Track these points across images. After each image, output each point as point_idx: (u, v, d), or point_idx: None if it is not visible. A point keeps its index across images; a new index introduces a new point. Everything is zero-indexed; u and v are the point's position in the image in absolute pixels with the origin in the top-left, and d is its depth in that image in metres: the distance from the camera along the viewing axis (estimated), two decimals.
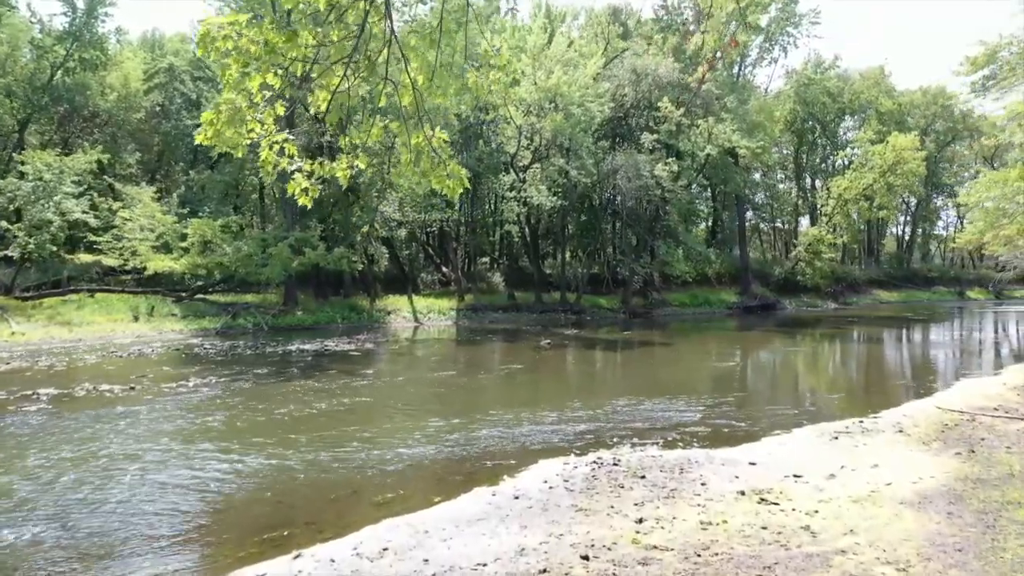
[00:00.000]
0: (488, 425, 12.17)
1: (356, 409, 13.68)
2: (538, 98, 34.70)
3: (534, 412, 13.27)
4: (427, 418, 12.90)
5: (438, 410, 13.85)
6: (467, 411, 13.46)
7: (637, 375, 19.09)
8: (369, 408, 13.84)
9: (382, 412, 13.53)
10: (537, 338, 28.25)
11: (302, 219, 36.56)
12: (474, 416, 12.91)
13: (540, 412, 13.28)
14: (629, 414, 13.14)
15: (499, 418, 12.72)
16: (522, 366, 20.25)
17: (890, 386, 17.15)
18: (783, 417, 12.95)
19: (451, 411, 13.63)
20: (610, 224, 45.99)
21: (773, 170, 63.11)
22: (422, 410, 13.85)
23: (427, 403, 14.71)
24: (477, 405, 14.33)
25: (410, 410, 13.84)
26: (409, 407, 14.15)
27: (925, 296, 63.36)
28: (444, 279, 45.48)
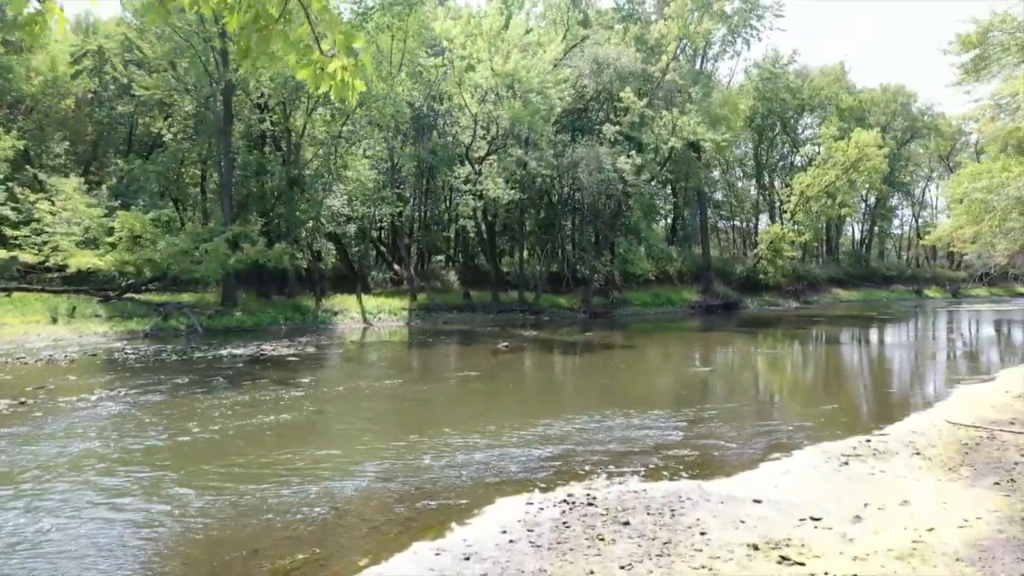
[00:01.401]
0: (436, 449, 10.26)
1: (282, 429, 11.64)
2: (495, 84, 32.79)
3: (490, 431, 11.39)
4: (365, 440, 10.94)
5: (379, 429, 11.90)
6: (413, 430, 11.53)
7: (604, 383, 17.32)
8: (298, 428, 11.81)
9: (312, 433, 11.52)
10: (494, 340, 26.37)
11: (242, 213, 34.15)
12: (421, 437, 10.98)
13: (498, 430, 11.40)
14: (601, 432, 11.33)
15: (450, 439, 10.81)
16: (477, 373, 18.34)
17: (883, 395, 15.64)
18: (777, 434, 11.27)
19: (394, 430, 11.69)
20: (570, 220, 44.32)
21: (732, 167, 62.18)
22: (360, 430, 11.86)
23: (367, 420, 12.72)
24: (425, 422, 12.39)
25: (346, 430, 11.85)
26: (345, 426, 12.16)
27: (884, 295, 63.04)
28: (396, 278, 43.32)
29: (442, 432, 11.27)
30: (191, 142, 36.38)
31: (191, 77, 31.55)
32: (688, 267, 50.16)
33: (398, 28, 32.20)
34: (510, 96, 33.32)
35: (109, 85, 40.74)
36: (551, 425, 11.81)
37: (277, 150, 34.52)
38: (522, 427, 11.67)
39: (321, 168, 34.11)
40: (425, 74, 35.79)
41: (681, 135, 38.28)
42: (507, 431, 11.38)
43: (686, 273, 50.00)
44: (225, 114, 30.76)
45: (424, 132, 38.29)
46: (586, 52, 39.19)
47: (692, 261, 51.32)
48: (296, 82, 31.12)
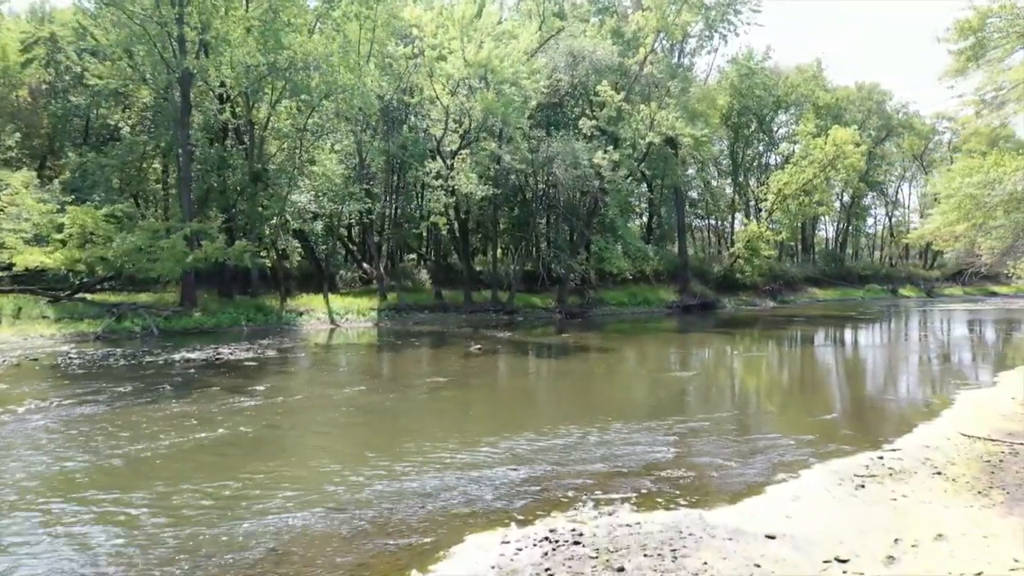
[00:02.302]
0: (399, 471, 9.05)
1: (226, 447, 10.36)
2: (467, 74, 31.49)
3: (461, 448, 10.21)
4: (318, 461, 9.69)
5: (335, 447, 10.66)
6: (373, 447, 10.31)
7: (583, 390, 16.20)
8: (244, 445, 10.53)
9: (259, 452, 10.24)
10: (466, 342, 25.15)
11: (203, 208, 32.58)
12: (382, 456, 9.76)
13: (469, 447, 10.22)
14: (583, 449, 10.19)
15: (414, 458, 9.60)
16: (447, 379, 17.11)
17: (883, 402, 14.66)
18: (777, 450, 10.20)
19: (352, 448, 10.46)
20: (545, 218, 43.17)
21: (707, 166, 61.45)
22: (314, 447, 10.61)
23: (323, 436, 11.46)
24: (387, 438, 11.18)
25: (298, 447, 10.58)
26: (298, 443, 10.88)
27: (859, 294, 62.69)
28: (366, 277, 41.89)
29: (406, 450, 10.07)
30: (149, 134, 34.67)
31: (148, 66, 29.92)
32: (665, 266, 49.23)
33: (366, 17, 30.82)
34: (483, 87, 32.07)
35: (64, 75, 38.92)
36: (528, 440, 10.65)
37: (240, 143, 32.95)
38: (496, 442, 10.50)
39: (286, 162, 32.60)
40: (395, 65, 34.44)
41: (659, 130, 37.25)
42: (479, 448, 10.20)
43: (663, 272, 49.09)
44: (183, 104, 29.15)
45: (394, 126, 36.93)
46: (561, 45, 38.04)
47: (669, 260, 50.40)
48: (259, 72, 29.70)
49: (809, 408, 13.86)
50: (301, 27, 30.36)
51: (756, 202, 62.95)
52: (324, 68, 29.90)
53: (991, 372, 18.13)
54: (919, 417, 12.43)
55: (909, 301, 61.31)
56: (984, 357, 23.04)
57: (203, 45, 29.32)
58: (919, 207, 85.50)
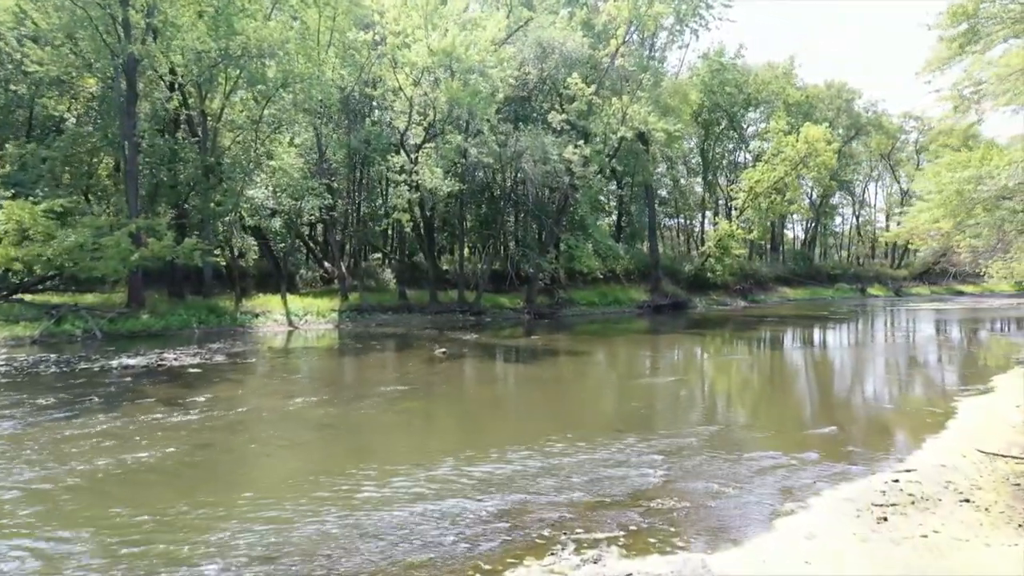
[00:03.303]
0: (343, 503, 7.72)
1: (143, 473, 8.94)
2: (431, 63, 30.04)
3: (418, 473, 8.89)
4: (249, 491, 8.28)
5: (273, 474, 9.27)
6: (316, 471, 8.96)
7: (556, 400, 14.94)
8: (166, 471, 9.11)
9: (181, 480, 8.81)
10: (430, 345, 23.78)
11: (152, 203, 30.82)
12: (325, 483, 8.41)
13: (427, 471, 8.92)
14: (559, 473, 8.94)
15: (363, 487, 8.27)
16: (409, 387, 15.76)
17: (881, 411, 13.57)
18: (779, 472, 9.03)
19: (292, 474, 9.07)
20: (513, 216, 41.90)
21: (676, 164, 60.68)
22: (247, 473, 9.20)
23: (260, 458, 10.05)
24: (334, 461, 9.83)
25: (230, 474, 9.15)
26: (230, 468, 9.46)
27: (829, 293, 62.41)
28: (327, 276, 40.29)
29: (353, 476, 8.73)
30: (95, 125, 32.71)
31: (91, 51, 28.05)
32: (636, 265, 48.27)
33: (326, 3, 29.29)
34: (448, 77, 30.65)
35: (6, 63, 36.76)
36: (497, 461, 9.38)
37: (193, 135, 31.18)
38: (460, 464, 9.21)
39: (241, 156, 30.91)
40: (357, 56, 32.90)
41: (631, 124, 36.16)
42: (441, 471, 8.91)
43: (634, 272, 48.12)
44: (128, 93, 27.35)
45: (357, 119, 35.38)
46: (530, 36, 36.76)
47: (639, 259, 49.46)
48: (211, 59, 28.03)
49: (803, 419, 12.76)
50: (256, 12, 28.71)
51: (726, 201, 62.43)
52: (281, 56, 28.33)
53: (983, 375, 17.22)
54: (924, 429, 11.37)
55: (878, 300, 61.15)
56: (970, 358, 22.25)
57: (152, 30, 27.61)
58: (885, 207, 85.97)
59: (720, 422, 12.24)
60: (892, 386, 16.64)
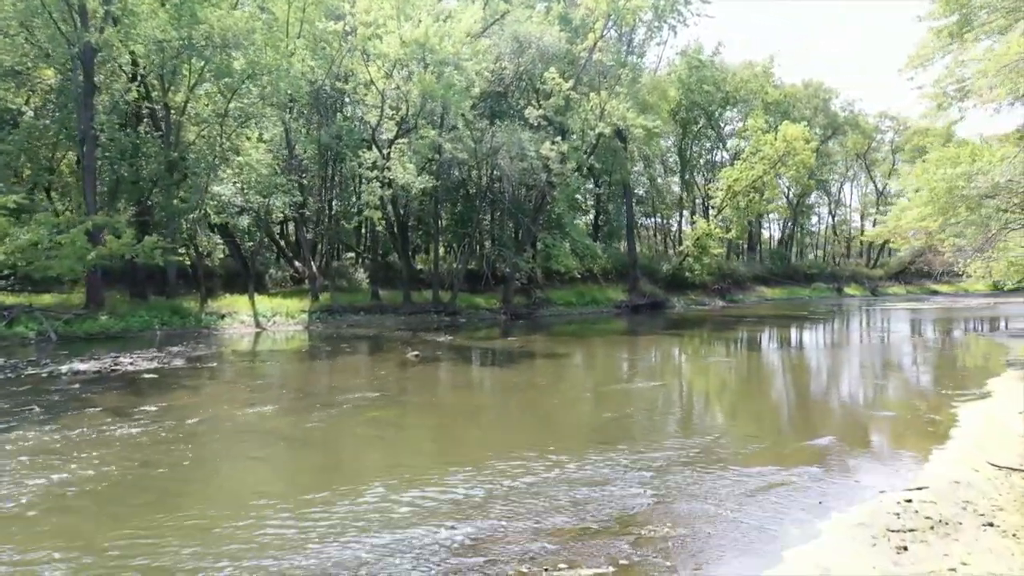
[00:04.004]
0: (289, 535, 6.80)
1: (76, 499, 7.95)
2: (403, 54, 29.03)
3: (384, 493, 8.00)
4: (188, 520, 7.33)
5: (216, 496, 8.27)
6: (265, 494, 8.02)
7: (534, 408, 14.07)
8: (102, 496, 8.12)
9: (117, 503, 7.82)
10: (403, 347, 22.85)
11: (112, 200, 29.55)
12: (272, 512, 7.49)
13: (394, 492, 8.02)
14: (538, 494, 8.07)
15: (317, 515, 7.35)
16: (378, 394, 14.82)
17: (878, 419, 12.78)
18: (779, 489, 8.23)
19: (237, 498, 8.09)
20: (489, 214, 40.99)
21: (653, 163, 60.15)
22: (188, 497, 8.17)
23: (208, 478, 9.06)
24: (286, 481, 8.92)
25: (166, 498, 8.14)
26: (169, 489, 8.46)
27: (806, 293, 62.26)
28: (297, 276, 39.14)
29: (309, 499, 7.80)
30: (53, 118, 31.29)
31: (47, 40, 26.73)
32: (613, 265, 47.68)
33: None
34: (421, 69, 29.66)
35: None
36: (470, 480, 8.50)
37: (156, 130, 29.96)
38: (430, 483, 8.33)
39: (205, 151, 29.72)
40: (327, 48, 31.84)
41: (610, 120, 35.40)
42: (407, 493, 8.01)
43: (611, 271, 47.52)
44: (86, 84, 26.07)
45: (328, 114, 34.29)
46: (506, 30, 35.91)
47: (617, 259, 48.84)
48: (173, 48, 26.83)
49: (797, 428, 12.00)
50: (220, 1, 27.56)
51: (704, 200, 62.02)
52: (247, 47, 27.19)
53: (976, 378, 16.62)
54: (928, 439, 10.66)
55: (855, 300, 61.10)
56: (959, 360, 21.70)
57: (111, 18, 26.37)
58: (860, 207, 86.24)
59: (709, 432, 11.45)
60: (885, 390, 15.97)
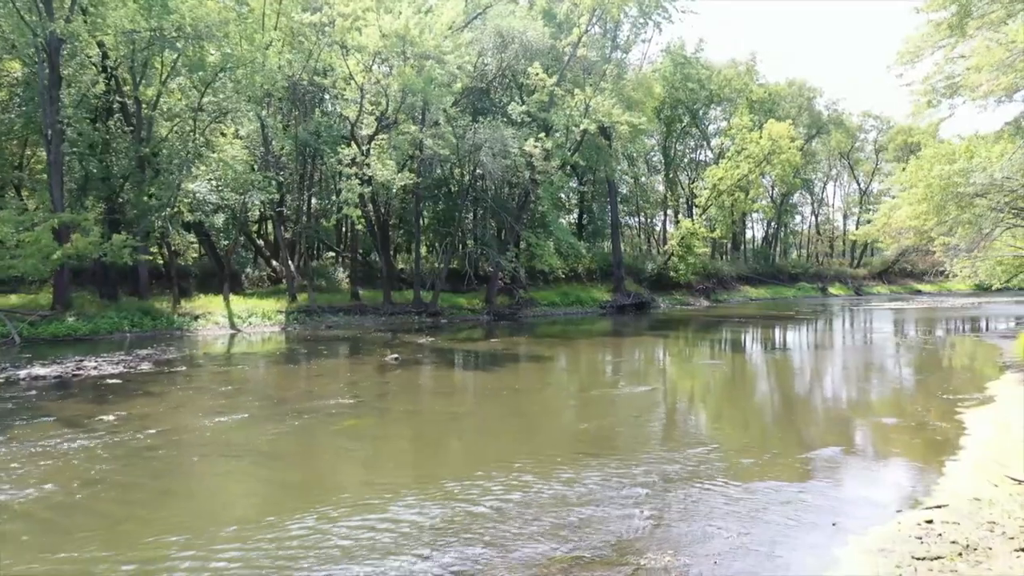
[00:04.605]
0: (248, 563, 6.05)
1: (6, 523, 7.15)
2: (383, 46, 28.18)
3: (354, 515, 7.25)
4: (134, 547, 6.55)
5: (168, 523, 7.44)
6: (225, 521, 7.24)
7: (518, 416, 13.33)
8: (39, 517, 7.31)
9: (54, 530, 7.01)
10: (382, 350, 22.07)
11: (81, 197, 28.52)
12: (229, 541, 6.71)
13: (366, 514, 7.27)
14: (524, 513, 7.34)
15: (279, 542, 6.59)
16: (354, 400, 14.04)
17: (881, 427, 12.08)
18: (787, 508, 7.55)
19: (194, 524, 7.27)
20: (472, 212, 40.20)
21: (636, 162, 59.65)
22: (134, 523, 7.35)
23: (158, 498, 8.21)
24: (250, 501, 8.15)
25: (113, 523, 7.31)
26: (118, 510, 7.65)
27: (791, 292, 61.99)
28: (275, 275, 38.22)
29: (271, 523, 7.03)
30: (19, 112, 30.17)
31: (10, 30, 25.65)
32: (598, 264, 47.17)
33: None
34: (402, 63, 28.83)
35: None
36: (450, 499, 7.77)
37: (128, 124, 28.92)
38: (406, 504, 7.59)
39: (178, 146, 28.76)
40: (305, 42, 30.95)
41: (595, 117, 34.73)
42: (381, 515, 7.27)
43: (596, 271, 47.04)
44: (51, 76, 25.04)
45: (308, 109, 33.38)
46: (489, 25, 35.16)
47: (602, 258, 48.32)
48: (143, 39, 25.86)
49: (798, 437, 11.33)
50: None
51: (687, 199, 61.64)
52: (220, 39, 26.27)
53: (975, 381, 16.08)
54: (937, 449, 10.04)
55: (840, 299, 60.90)
56: (954, 362, 21.21)
57: (79, 7, 25.39)
58: (843, 206, 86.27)
59: (705, 442, 10.77)
60: (884, 395, 15.37)
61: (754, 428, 12.23)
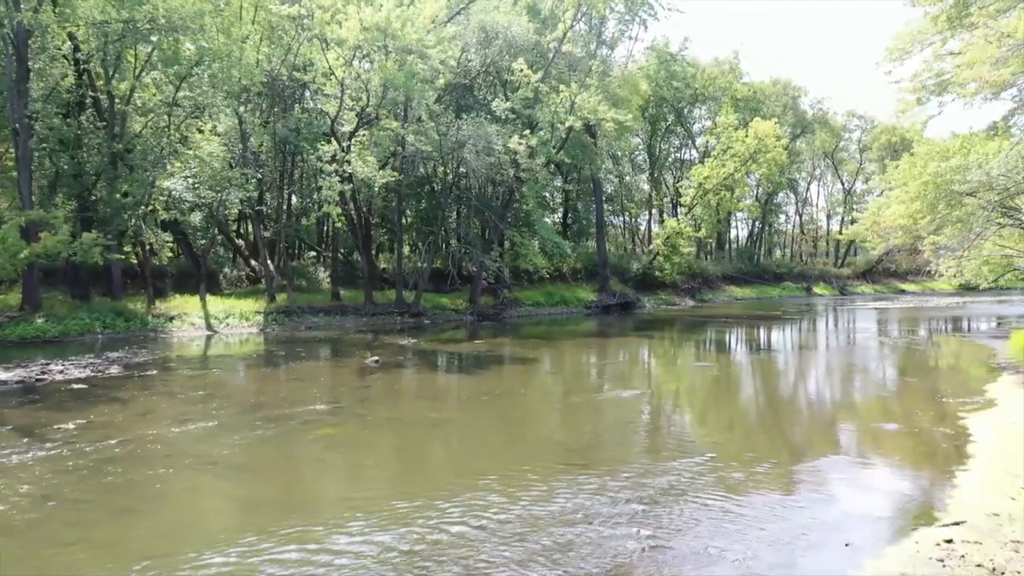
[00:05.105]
0: None
1: None
2: (363, 39, 27.48)
3: (324, 538, 6.64)
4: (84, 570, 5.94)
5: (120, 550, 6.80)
6: (181, 545, 6.61)
7: (503, 424, 12.73)
8: None
9: None
10: (363, 352, 21.41)
11: (51, 194, 27.62)
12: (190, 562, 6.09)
13: (336, 535, 6.67)
14: (509, 534, 6.76)
15: (243, 563, 5.98)
16: (331, 406, 13.40)
17: (883, 434, 11.52)
18: (793, 525, 7.02)
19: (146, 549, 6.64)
20: (455, 211, 39.55)
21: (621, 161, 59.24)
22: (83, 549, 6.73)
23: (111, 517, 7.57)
24: (211, 522, 7.53)
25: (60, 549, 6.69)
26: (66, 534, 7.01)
27: (776, 292, 61.76)
28: (254, 275, 37.40)
29: (232, 546, 6.40)
30: None
31: None
32: (583, 264, 46.68)
33: None
34: (383, 57, 28.13)
35: None
36: (430, 517, 7.17)
37: (101, 119, 28.04)
38: (380, 524, 6.99)
39: (152, 143, 27.92)
40: (285, 36, 30.20)
41: (580, 114, 34.18)
42: (352, 539, 6.66)
43: (581, 270, 46.55)
44: (19, 68, 24.16)
45: (287, 106, 32.61)
46: (472, 20, 34.54)
47: (587, 258, 47.82)
48: (115, 30, 25.03)
49: (798, 445, 10.80)
50: None
51: (672, 198, 61.31)
52: (195, 31, 25.46)
53: (972, 384, 15.64)
54: (944, 457, 9.55)
55: (825, 299, 60.74)
56: (948, 363, 20.84)
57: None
58: (827, 206, 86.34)
59: (701, 451, 10.21)
60: (881, 399, 14.91)
61: (750, 436, 11.71)
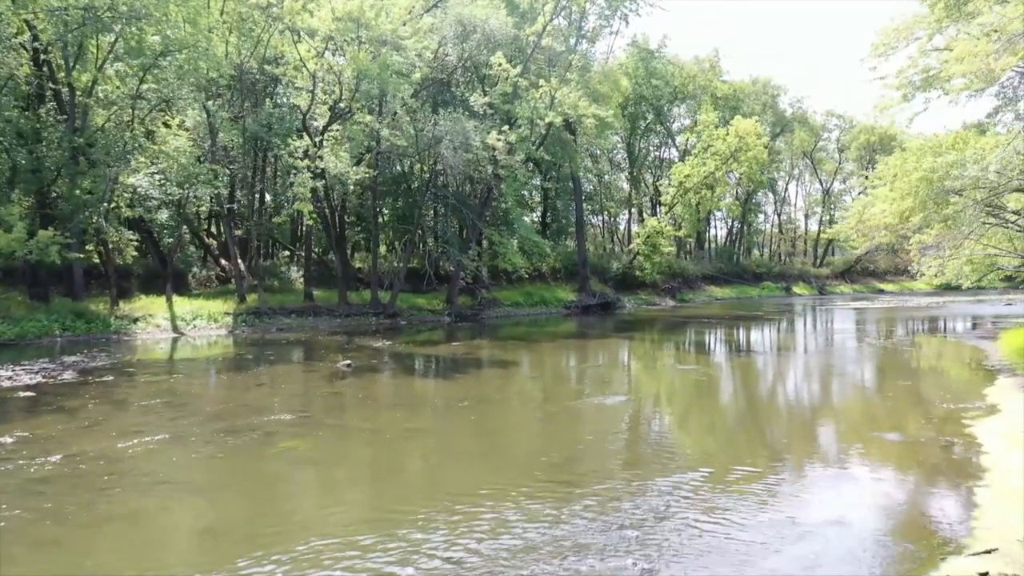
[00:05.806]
0: None
1: None
2: (335, 29, 26.53)
3: (279, 571, 5.79)
4: None
5: None
6: None
7: (483, 434, 11.91)
8: None
9: None
10: (335, 355, 20.48)
11: (8, 190, 26.36)
12: None
13: (291, 567, 5.82)
14: (498, 565, 5.96)
15: None
16: (297, 415, 12.49)
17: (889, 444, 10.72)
18: (802, 551, 6.26)
19: None
20: (432, 209, 38.64)
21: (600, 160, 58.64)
22: None
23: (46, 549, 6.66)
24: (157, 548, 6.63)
25: None
26: None
27: (755, 292, 61.47)
28: (224, 275, 36.26)
29: None
30: None
31: None
32: (563, 263, 46.00)
33: None
34: (356, 47, 27.17)
35: None
36: (401, 545, 6.34)
37: (61, 113, 26.85)
38: (340, 560, 6.13)
39: (115, 137, 26.79)
40: (255, 28, 29.15)
41: (560, 109, 33.44)
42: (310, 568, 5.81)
43: (560, 270, 45.89)
44: None
45: (258, 100, 31.53)
46: (450, 13, 33.68)
47: (566, 257, 47.12)
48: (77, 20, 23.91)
49: (798, 458, 10.04)
50: None
51: (652, 197, 60.84)
52: (159, 19, 24.41)
53: (970, 388, 15.05)
54: (958, 472, 8.85)
55: (805, 299, 60.59)
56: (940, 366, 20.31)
57: None
58: (805, 206, 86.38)
59: (695, 465, 9.45)
60: (879, 405, 14.25)
61: (745, 445, 10.99)
